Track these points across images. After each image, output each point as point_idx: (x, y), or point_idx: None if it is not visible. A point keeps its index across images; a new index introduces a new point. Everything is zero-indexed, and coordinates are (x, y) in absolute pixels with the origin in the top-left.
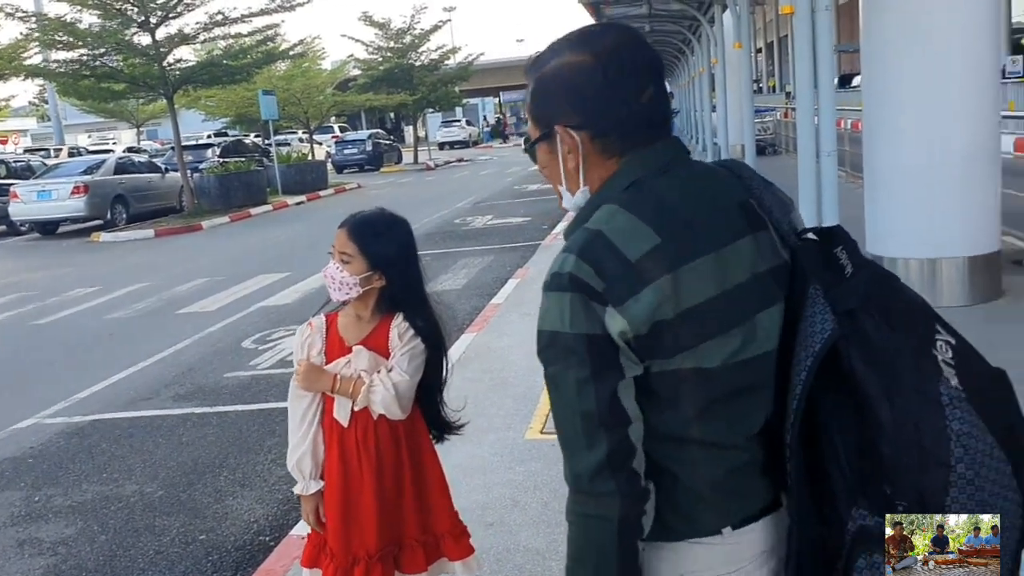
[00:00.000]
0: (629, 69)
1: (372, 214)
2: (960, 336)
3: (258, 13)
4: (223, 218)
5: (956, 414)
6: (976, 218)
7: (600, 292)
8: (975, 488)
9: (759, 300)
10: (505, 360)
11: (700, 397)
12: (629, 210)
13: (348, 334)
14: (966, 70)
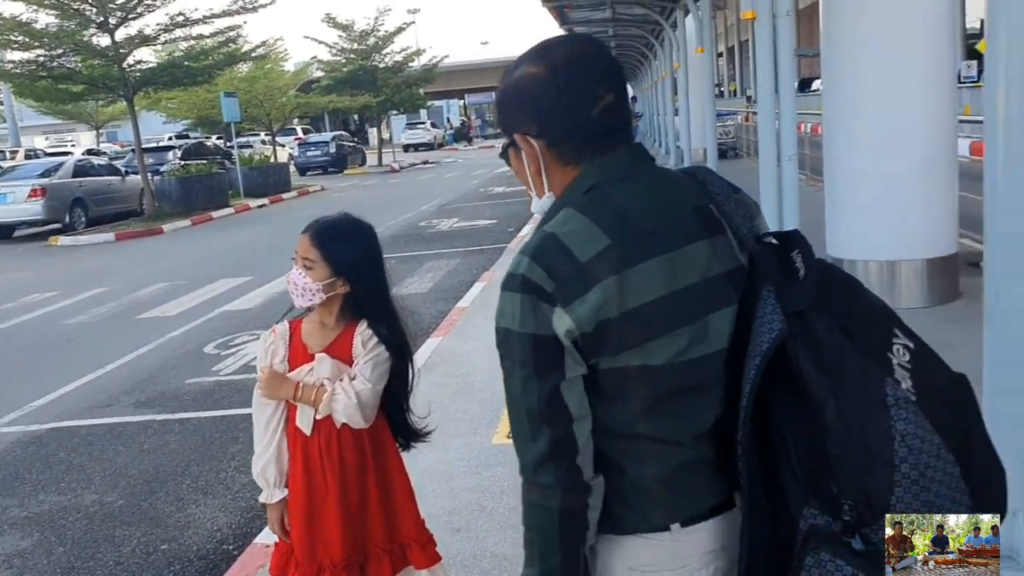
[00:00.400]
0: (583, 79)
1: (336, 219)
2: (921, 341)
3: (220, 14)
4: (184, 221)
5: (901, 415)
6: (934, 221)
7: (550, 293)
8: (920, 488)
9: (712, 301)
10: (471, 364)
11: (647, 394)
12: (584, 213)
13: (312, 341)
14: (924, 75)
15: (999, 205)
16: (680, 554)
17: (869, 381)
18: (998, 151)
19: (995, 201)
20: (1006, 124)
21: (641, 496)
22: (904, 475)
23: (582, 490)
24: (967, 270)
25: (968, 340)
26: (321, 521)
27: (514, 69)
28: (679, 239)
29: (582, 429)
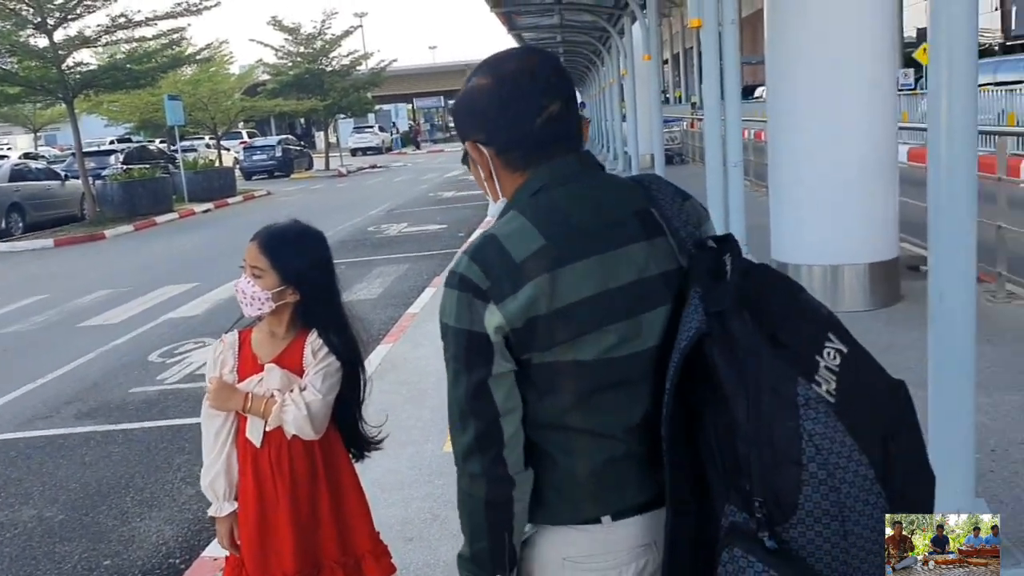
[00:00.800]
0: (528, 90)
1: (285, 226)
2: (858, 347)
3: (163, 16)
4: (127, 227)
5: (810, 415)
6: (875, 227)
7: (484, 291)
8: (829, 488)
9: (647, 301)
10: (422, 371)
11: (577, 388)
12: (525, 215)
13: (261, 351)
14: (865, 84)
15: (942, 209)
16: (611, 546)
17: (780, 380)
18: (941, 156)
19: (938, 205)
20: (948, 130)
21: (573, 487)
22: (812, 474)
23: (506, 482)
24: (908, 274)
25: (910, 343)
26: (273, 534)
27: (467, 80)
28: (615, 240)
29: (509, 423)
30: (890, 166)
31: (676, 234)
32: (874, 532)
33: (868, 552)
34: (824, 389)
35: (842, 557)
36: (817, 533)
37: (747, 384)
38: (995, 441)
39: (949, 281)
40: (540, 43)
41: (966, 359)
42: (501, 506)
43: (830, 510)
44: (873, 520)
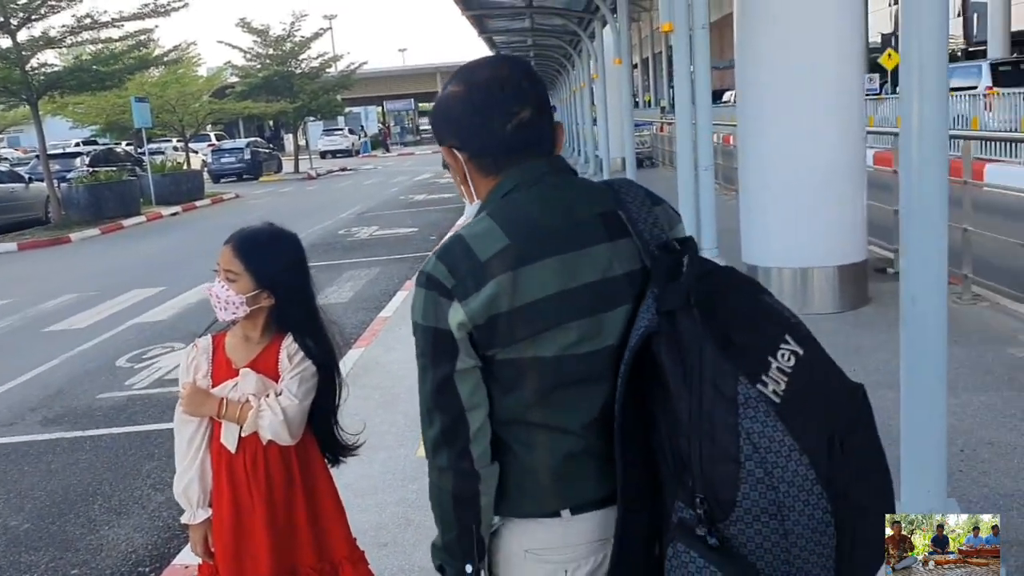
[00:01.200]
0: (498, 98)
1: (259, 229)
2: (817, 350)
3: (130, 17)
4: (93, 230)
5: (749, 414)
6: (844, 230)
7: (449, 289)
8: (767, 487)
9: (608, 300)
10: (395, 375)
11: (538, 384)
12: (492, 217)
13: (236, 356)
14: (833, 89)
15: (914, 212)
16: (570, 539)
17: (722, 379)
18: (912, 159)
19: (910, 208)
20: (919, 134)
21: (533, 481)
22: (749, 472)
23: (472, 476)
24: (875, 276)
25: (878, 344)
26: (248, 540)
27: (443, 88)
28: (579, 241)
29: (475, 417)
30: (858, 170)
31: (641, 236)
32: (815, 532)
33: (810, 552)
34: (771, 389)
35: (783, 556)
36: (756, 531)
37: (690, 382)
38: (963, 441)
39: (921, 285)
40: (511, 46)
41: (938, 362)
42: (468, 499)
43: (768, 508)
44: (814, 520)
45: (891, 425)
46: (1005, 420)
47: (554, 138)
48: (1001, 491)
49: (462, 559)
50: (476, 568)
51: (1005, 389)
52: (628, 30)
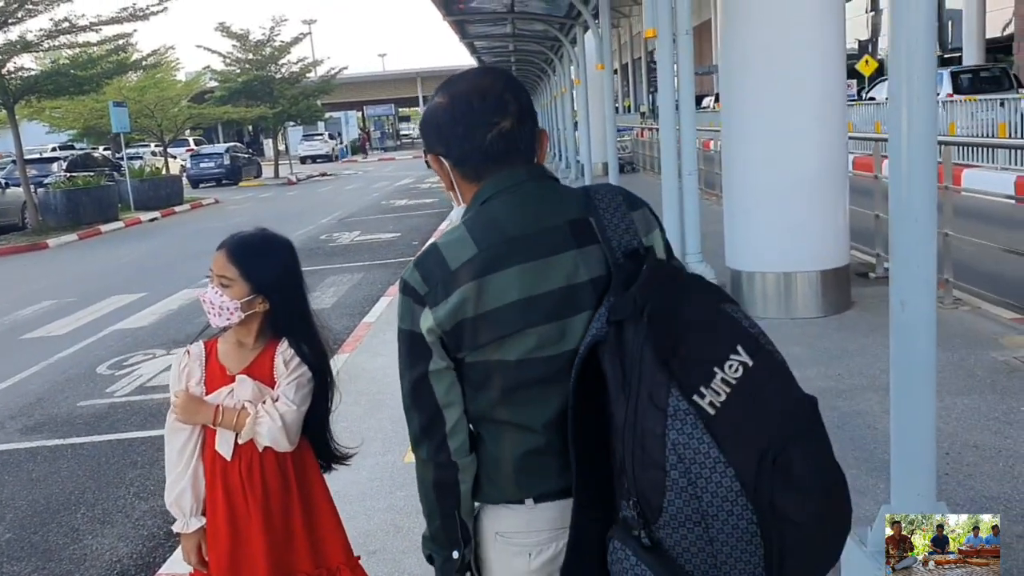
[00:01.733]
0: (478, 110)
1: (253, 234)
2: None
3: (108, 21)
4: (71, 235)
5: (676, 425)
6: (827, 235)
7: (422, 296)
8: (691, 496)
9: (573, 305)
10: (381, 381)
11: (503, 384)
12: (466, 225)
13: (229, 362)
14: (816, 94)
15: (903, 216)
16: (534, 525)
17: (656, 389)
18: (902, 164)
19: (899, 212)
20: (909, 139)
21: (501, 472)
22: (674, 481)
23: (450, 466)
24: (858, 280)
25: (861, 348)
26: (245, 548)
27: (431, 98)
28: (546, 249)
29: (451, 414)
30: (841, 175)
31: (608, 242)
32: (740, 541)
33: (736, 559)
34: (707, 401)
35: (710, 560)
36: (683, 536)
37: (628, 390)
38: (948, 444)
39: (910, 289)
40: (492, 52)
41: (927, 366)
42: (448, 488)
43: (692, 516)
44: (738, 530)
45: (876, 428)
46: (989, 423)
47: (536, 146)
48: (987, 494)
49: (448, 547)
50: (461, 554)
51: (988, 392)
52: (610, 35)
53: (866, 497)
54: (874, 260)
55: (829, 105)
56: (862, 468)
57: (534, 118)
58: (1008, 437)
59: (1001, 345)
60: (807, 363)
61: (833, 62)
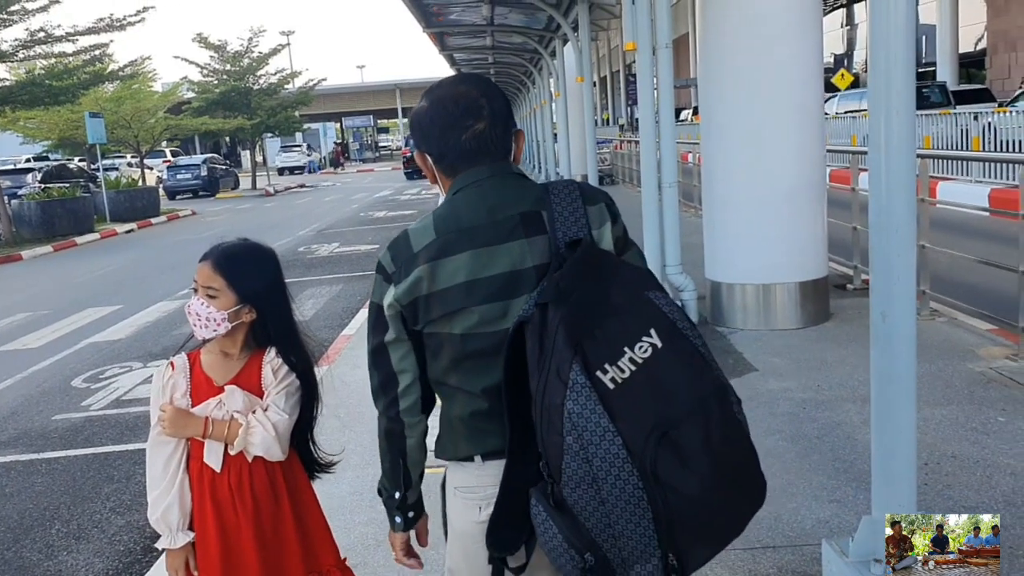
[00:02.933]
0: (454, 113)
1: (237, 245)
2: (681, 346)
3: (85, 32)
4: (46, 247)
5: (574, 396)
6: (805, 246)
7: (390, 274)
8: (583, 460)
9: (515, 288)
10: (360, 394)
11: (451, 354)
12: (434, 214)
13: (215, 373)
14: (794, 109)
15: (883, 228)
16: (483, 480)
17: (562, 365)
18: (881, 176)
19: (879, 224)
20: (887, 151)
21: (454, 432)
22: (569, 446)
23: (398, 421)
24: (836, 292)
25: (840, 359)
26: (237, 560)
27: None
28: (496, 237)
29: (403, 379)
30: (819, 187)
31: (555, 233)
32: (628, 504)
33: (627, 520)
34: (609, 377)
35: (604, 520)
36: (580, 496)
37: (542, 365)
38: (927, 455)
39: (891, 302)
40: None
41: (908, 378)
42: (395, 438)
43: (585, 478)
44: (626, 494)
45: (856, 439)
46: (967, 434)
47: (510, 146)
48: (965, 504)
49: (392, 487)
50: (403, 495)
51: (965, 403)
52: (589, 48)
53: (846, 508)
54: (852, 272)
55: (807, 118)
56: (842, 479)
57: (508, 120)
58: (985, 447)
59: (978, 356)
60: (787, 374)
61: (811, 75)
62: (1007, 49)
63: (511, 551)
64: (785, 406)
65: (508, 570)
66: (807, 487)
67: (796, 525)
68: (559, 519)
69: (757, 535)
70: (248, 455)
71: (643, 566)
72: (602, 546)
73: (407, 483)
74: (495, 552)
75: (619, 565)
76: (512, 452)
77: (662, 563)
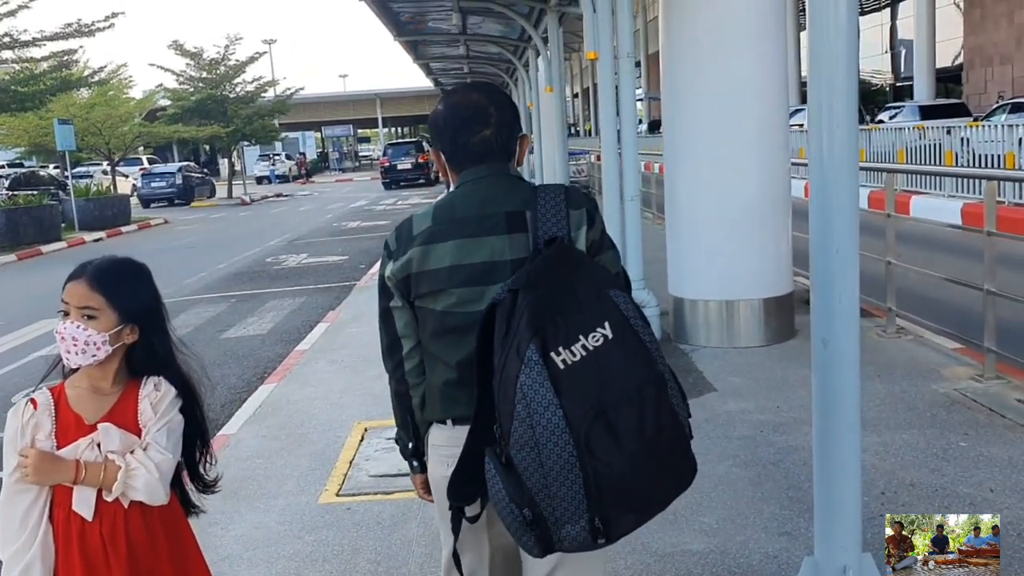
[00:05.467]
0: (464, 119)
1: (113, 260)
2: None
3: (53, 37)
4: (9, 256)
5: (527, 371)
6: (768, 262)
7: (392, 251)
8: (528, 427)
9: (493, 277)
10: (306, 414)
11: (432, 327)
12: (435, 204)
13: (85, 410)
14: (756, 123)
15: (822, 247)
16: (453, 441)
17: (522, 343)
18: (820, 190)
19: (818, 243)
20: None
21: (432, 397)
22: (518, 413)
23: (403, 382)
24: (801, 308)
25: (802, 380)
26: None
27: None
28: (480, 230)
29: (406, 343)
30: (782, 202)
31: (535, 232)
32: (563, 469)
33: (561, 483)
34: (560, 358)
35: (542, 481)
36: (523, 458)
37: (505, 343)
38: (884, 483)
39: (831, 326)
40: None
41: (851, 410)
42: (403, 396)
43: (528, 442)
44: (561, 460)
45: (812, 465)
46: (927, 460)
47: (514, 149)
48: None
49: (406, 438)
50: (415, 444)
51: (927, 427)
52: (562, 59)
53: (796, 541)
54: None
55: (770, 131)
56: (795, 509)
57: (514, 127)
58: (945, 475)
59: (943, 376)
60: (746, 394)
61: (773, 89)
62: (983, 64)
63: (468, 502)
64: (742, 428)
65: (465, 519)
66: (758, 518)
67: (743, 560)
68: (505, 476)
69: (701, 571)
70: (125, 500)
71: (572, 526)
72: (539, 504)
73: (417, 434)
74: (454, 502)
75: (553, 523)
76: (478, 417)
77: (589, 525)
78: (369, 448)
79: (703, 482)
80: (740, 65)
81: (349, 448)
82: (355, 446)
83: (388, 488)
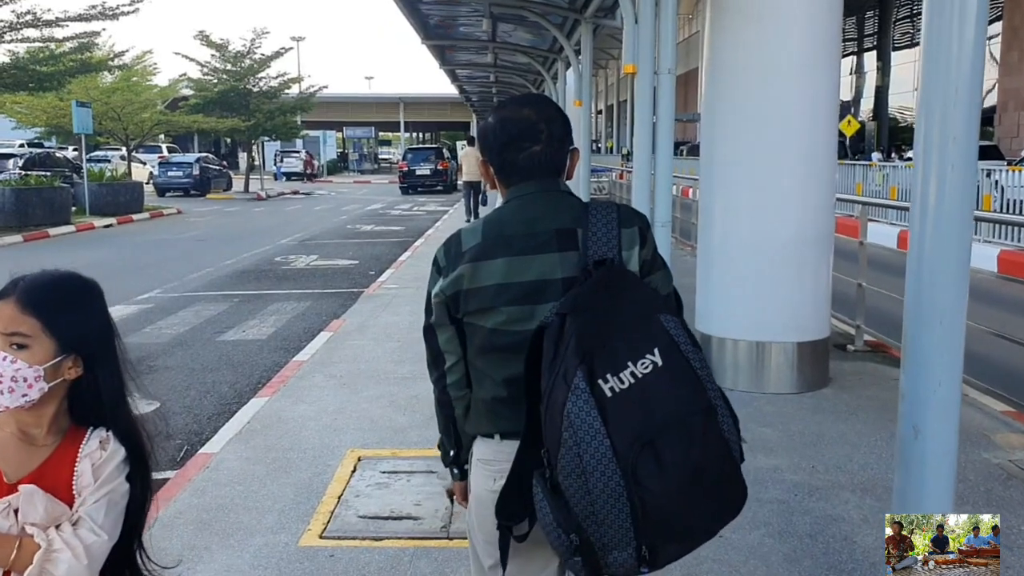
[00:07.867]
0: (514, 135)
1: (52, 276)
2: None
3: (75, 18)
4: (15, 237)
5: (573, 399)
6: (806, 303)
7: (442, 268)
8: (575, 455)
9: (542, 295)
10: (296, 435)
11: (480, 344)
12: (484, 219)
13: (6, 463)
14: (803, 153)
15: (922, 317)
16: (500, 455)
17: (569, 369)
18: (925, 245)
19: (916, 312)
20: (935, 213)
21: (478, 411)
22: (565, 440)
23: (445, 392)
24: (835, 353)
25: (839, 435)
26: None
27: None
28: (530, 248)
29: (448, 358)
30: (826, 240)
31: (586, 251)
32: (611, 497)
33: (608, 511)
34: (608, 386)
35: (589, 508)
36: (570, 484)
37: (553, 367)
38: None
39: (925, 413)
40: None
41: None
42: (445, 406)
43: (575, 470)
44: (609, 488)
45: (855, 541)
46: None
47: (563, 164)
48: None
49: (448, 446)
50: (457, 452)
51: (982, 504)
52: (592, 76)
53: None
54: (854, 332)
55: (816, 165)
56: None
57: (564, 141)
58: (1009, 567)
59: (994, 444)
60: (779, 450)
61: (824, 118)
62: (1017, 108)
63: (516, 521)
64: (774, 491)
65: (513, 537)
66: None
67: None
68: (552, 501)
69: None
70: None
71: (620, 552)
72: (586, 530)
73: (459, 444)
74: (502, 520)
75: (600, 548)
76: (526, 437)
77: (636, 552)
78: (360, 482)
79: (732, 554)
80: (792, 89)
81: (339, 480)
82: (345, 478)
83: (377, 533)
